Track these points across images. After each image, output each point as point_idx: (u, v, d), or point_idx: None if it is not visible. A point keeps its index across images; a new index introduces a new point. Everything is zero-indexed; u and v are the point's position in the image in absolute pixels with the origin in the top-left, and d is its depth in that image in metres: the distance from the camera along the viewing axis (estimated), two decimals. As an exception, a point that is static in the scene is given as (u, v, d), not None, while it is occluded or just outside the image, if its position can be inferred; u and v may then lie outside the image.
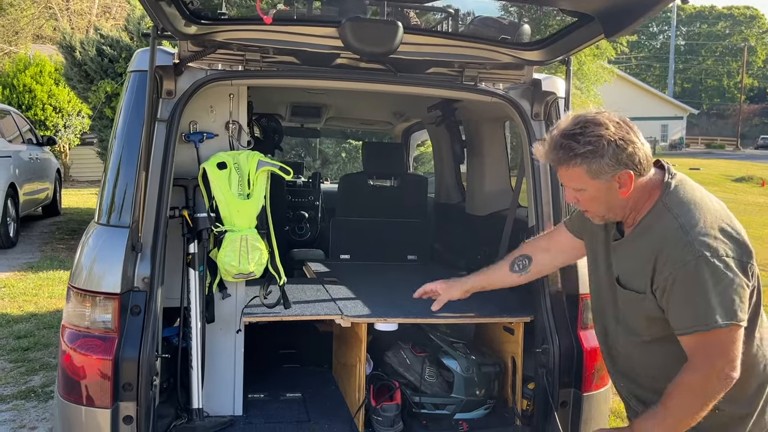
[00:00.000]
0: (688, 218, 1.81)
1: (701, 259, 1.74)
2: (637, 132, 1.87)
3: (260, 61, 2.53)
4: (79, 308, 2.30)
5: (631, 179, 1.84)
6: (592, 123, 1.83)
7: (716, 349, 1.76)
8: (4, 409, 4.21)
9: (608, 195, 1.88)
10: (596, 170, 1.83)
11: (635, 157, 1.83)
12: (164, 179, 2.40)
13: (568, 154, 1.83)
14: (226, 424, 2.63)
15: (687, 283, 1.76)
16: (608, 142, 1.80)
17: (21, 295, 6.95)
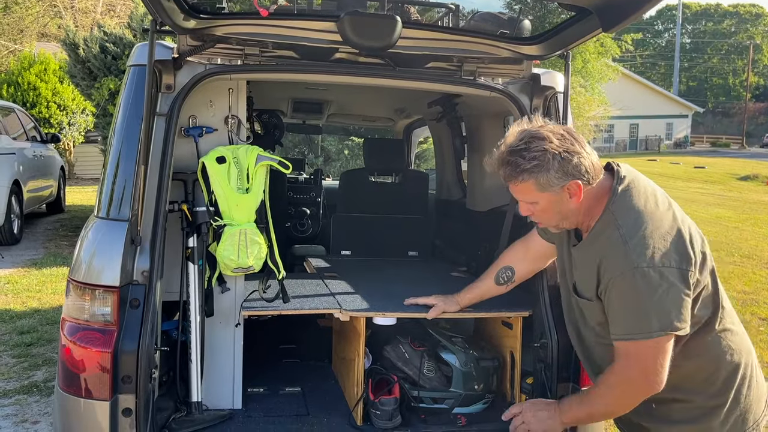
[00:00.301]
0: (629, 227, 1.85)
1: (637, 271, 1.80)
2: (582, 142, 1.91)
3: (259, 55, 2.54)
4: (78, 301, 2.32)
5: (580, 189, 1.89)
6: (536, 138, 1.87)
7: (639, 359, 1.85)
8: (7, 403, 4.24)
9: (560, 205, 1.93)
10: (544, 183, 1.88)
11: (581, 167, 1.87)
12: (163, 173, 2.40)
13: (516, 170, 1.89)
14: (225, 418, 2.63)
15: (623, 292, 1.84)
16: (553, 155, 1.85)
17: (24, 291, 6.98)
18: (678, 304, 1.81)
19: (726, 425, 1.95)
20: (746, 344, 2.00)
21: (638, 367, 1.86)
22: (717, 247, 10.85)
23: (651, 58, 66.22)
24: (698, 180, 25.53)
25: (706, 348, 1.93)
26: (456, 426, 2.66)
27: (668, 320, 1.80)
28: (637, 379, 1.88)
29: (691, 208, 16.71)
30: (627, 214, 1.89)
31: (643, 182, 1.98)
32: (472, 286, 2.65)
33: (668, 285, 1.79)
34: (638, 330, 1.82)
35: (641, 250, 1.81)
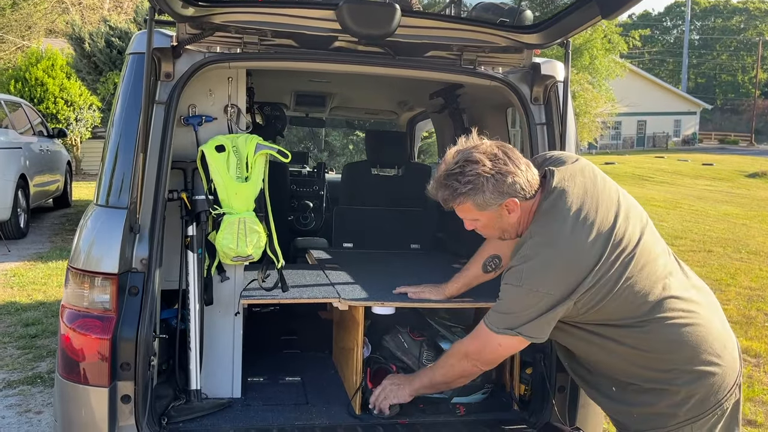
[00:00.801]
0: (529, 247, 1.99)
1: (511, 286, 2.00)
2: (517, 160, 2.01)
3: (258, 43, 2.54)
4: (77, 289, 2.33)
5: (516, 205, 2.02)
6: (469, 161, 1.98)
7: (482, 342, 2.10)
8: (11, 394, 4.27)
9: (500, 221, 2.07)
10: (482, 203, 2.00)
11: (516, 185, 1.98)
12: (162, 161, 2.41)
13: (453, 194, 2.01)
14: (224, 406, 2.64)
15: (505, 296, 2.05)
16: (486, 178, 1.96)
17: (30, 284, 7.03)
18: (545, 319, 1.97)
19: (684, 406, 1.98)
20: (702, 332, 1.99)
21: (476, 346, 2.14)
22: (724, 244, 10.80)
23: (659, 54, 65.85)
24: (706, 177, 25.39)
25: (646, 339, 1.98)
26: (455, 416, 2.66)
27: (529, 327, 1.98)
28: (471, 355, 2.16)
29: (699, 205, 16.64)
30: (540, 235, 1.99)
31: (575, 195, 2.00)
32: (459, 275, 2.70)
33: (537, 303, 1.95)
34: (505, 325, 2.02)
35: (530, 274, 1.96)
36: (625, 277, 1.94)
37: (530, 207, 2.05)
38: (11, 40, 23.83)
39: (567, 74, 2.65)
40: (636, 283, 1.95)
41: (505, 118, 3.77)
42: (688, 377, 1.97)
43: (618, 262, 1.94)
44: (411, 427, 2.52)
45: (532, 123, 2.73)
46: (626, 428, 2.12)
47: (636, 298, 1.96)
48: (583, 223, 1.95)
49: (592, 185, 2.04)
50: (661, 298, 1.97)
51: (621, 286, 1.94)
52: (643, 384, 2.02)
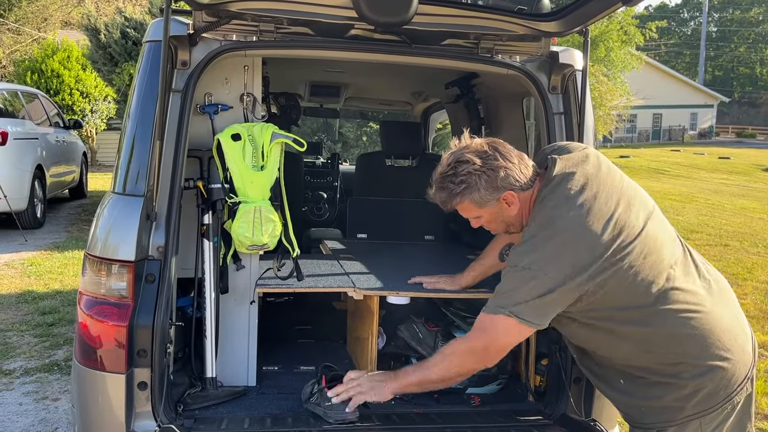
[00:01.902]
0: (530, 231, 1.98)
1: (515, 269, 1.96)
2: (508, 153, 2.04)
3: (274, 31, 2.53)
4: (95, 276, 2.34)
5: (514, 197, 2.03)
6: (460, 162, 2.02)
7: (488, 333, 2.01)
8: (29, 381, 4.32)
9: (501, 215, 2.09)
10: (479, 200, 2.03)
11: (510, 178, 2.01)
12: (179, 150, 2.41)
13: (449, 195, 2.05)
14: (239, 394, 2.65)
15: (507, 278, 1.99)
16: (478, 175, 2.00)
17: (47, 273, 7.10)
18: (540, 302, 1.92)
19: (689, 400, 1.96)
20: (711, 325, 1.96)
21: (484, 340, 2.02)
22: (741, 238, 10.68)
23: (676, 46, 65.12)
24: (722, 171, 25.12)
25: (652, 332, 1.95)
26: (469, 406, 2.65)
27: (524, 308, 1.92)
28: (477, 350, 2.04)
29: (715, 199, 16.47)
30: (537, 220, 1.99)
31: (575, 182, 1.98)
32: (474, 265, 2.69)
33: (537, 286, 1.91)
34: (496, 304, 1.97)
35: (527, 254, 1.95)
36: (627, 265, 1.91)
37: (530, 197, 2.06)
38: (27, 31, 24.02)
39: (585, 63, 2.62)
40: (639, 272, 1.92)
41: (521, 108, 3.74)
42: (695, 371, 1.94)
43: (619, 250, 1.91)
44: (426, 416, 2.52)
45: (549, 112, 2.71)
46: (635, 421, 2.10)
47: (639, 287, 1.93)
48: (581, 208, 1.93)
49: (594, 173, 2.02)
50: (666, 289, 1.94)
51: (623, 275, 1.91)
52: (650, 377, 2.00)
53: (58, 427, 3.72)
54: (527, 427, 2.43)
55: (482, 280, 2.70)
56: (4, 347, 4.91)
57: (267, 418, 2.45)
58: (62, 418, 3.81)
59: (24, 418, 3.82)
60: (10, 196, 8.38)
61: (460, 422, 2.48)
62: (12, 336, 5.17)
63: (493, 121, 4.03)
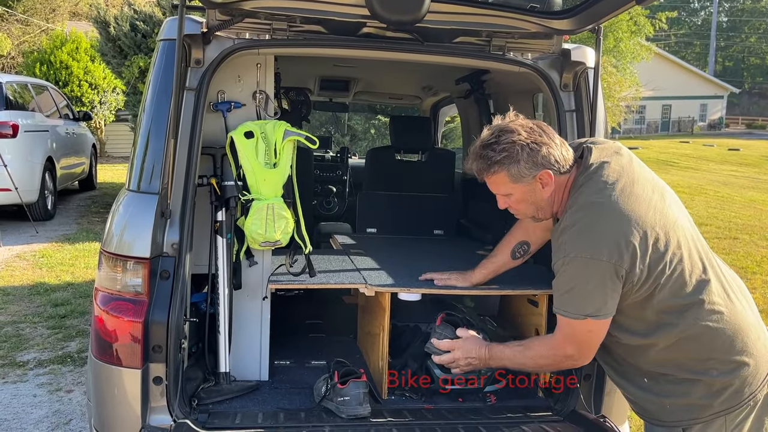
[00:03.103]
0: (574, 218, 1.97)
1: (567, 259, 1.95)
2: (552, 134, 2.03)
3: (287, 30, 2.54)
4: (110, 272, 2.37)
5: (551, 178, 2.02)
6: (505, 131, 2.01)
7: (573, 336, 2.03)
8: (42, 372, 4.38)
9: (533, 195, 2.07)
10: (516, 174, 2.01)
11: (551, 157, 2.00)
12: (192, 147, 2.43)
13: (487, 163, 2.02)
14: (252, 388, 2.68)
15: (561, 275, 1.99)
16: (521, 146, 1.98)
17: (58, 265, 7.17)
18: (601, 293, 1.93)
19: (717, 397, 1.98)
20: (737, 321, 1.99)
21: (574, 345, 2.05)
22: (750, 231, 10.64)
23: (686, 37, 64.55)
24: (732, 162, 24.97)
25: (686, 327, 1.97)
26: (481, 402, 2.67)
27: (591, 307, 1.95)
28: (571, 356, 2.08)
29: (725, 191, 16.38)
30: (578, 204, 1.99)
31: (612, 170, 2.00)
32: (486, 262, 2.69)
33: (593, 276, 1.92)
34: (571, 310, 1.99)
35: (575, 241, 1.94)
36: (671, 252, 1.92)
37: (565, 182, 2.05)
38: (36, 23, 24.06)
39: (598, 61, 2.62)
40: (681, 260, 1.94)
41: (531, 104, 3.74)
42: (724, 368, 1.96)
43: (662, 234, 1.93)
44: (437, 412, 2.55)
45: (561, 110, 2.71)
46: (656, 418, 2.11)
47: (681, 276, 1.94)
48: (622, 192, 1.95)
49: (628, 165, 2.04)
50: (702, 281, 1.97)
51: (669, 260, 1.92)
52: (678, 374, 2.01)
53: (72, 418, 3.77)
54: (537, 423, 2.45)
55: (494, 277, 2.71)
56: (17, 339, 4.97)
57: (280, 413, 2.48)
58: (76, 410, 3.87)
59: (38, 409, 3.87)
60: (21, 188, 8.44)
61: (470, 418, 2.50)
62: (25, 328, 5.23)
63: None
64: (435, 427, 2.38)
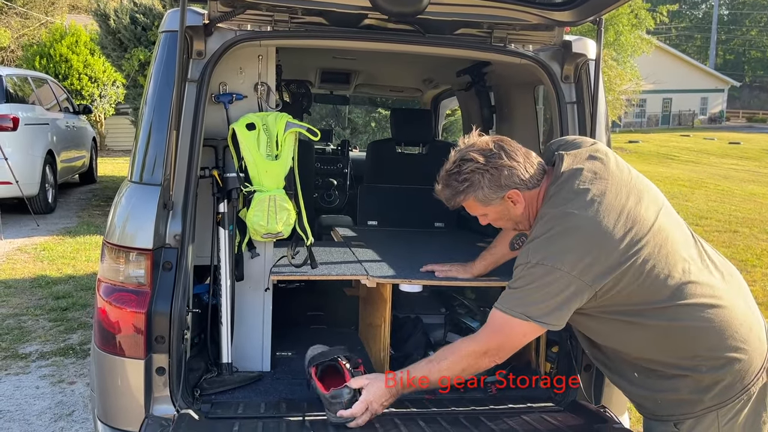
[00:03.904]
0: (541, 227, 1.97)
1: (527, 265, 1.94)
2: (514, 152, 2.04)
3: (288, 21, 2.54)
4: (113, 263, 2.38)
5: (519, 196, 2.04)
6: (464, 160, 2.04)
7: (496, 331, 2.00)
8: (45, 364, 4.40)
9: (507, 213, 2.10)
10: (483, 198, 2.05)
11: (514, 177, 2.02)
12: (194, 139, 2.44)
13: (453, 193, 2.08)
14: (254, 379, 2.70)
15: (517, 279, 1.97)
16: (481, 174, 2.01)
17: (60, 258, 7.18)
18: (551, 300, 1.90)
19: (707, 393, 1.97)
20: (727, 317, 1.96)
21: (498, 340, 2.01)
22: (750, 224, 10.65)
23: (687, 30, 64.34)
24: (733, 156, 24.95)
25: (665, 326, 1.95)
26: (482, 392, 2.69)
27: (537, 311, 1.91)
28: (488, 352, 2.02)
29: (725, 184, 16.38)
30: (548, 215, 1.98)
31: (584, 178, 1.98)
32: (486, 254, 2.71)
33: (551, 283, 1.89)
34: (512, 306, 1.95)
35: (539, 249, 1.93)
36: (642, 259, 1.90)
37: (536, 195, 2.06)
38: (35, 16, 24.00)
39: (599, 52, 2.62)
40: (655, 266, 1.91)
41: (532, 96, 3.74)
42: (712, 363, 1.95)
43: (633, 243, 1.90)
44: (438, 402, 2.56)
45: (562, 102, 2.71)
46: (650, 412, 2.12)
47: (656, 281, 1.92)
48: (591, 203, 1.92)
49: (603, 169, 2.01)
50: (682, 283, 1.93)
51: (638, 269, 1.90)
52: (666, 370, 2.01)
53: (75, 409, 3.79)
54: (538, 414, 2.47)
55: (494, 268, 2.72)
56: (19, 331, 4.99)
57: (282, 403, 2.49)
58: (78, 401, 3.89)
59: (41, 401, 3.89)
60: (22, 181, 8.44)
61: (471, 407, 2.51)
62: (27, 320, 5.25)
63: (505, 108, 4.03)
64: (436, 416, 2.40)
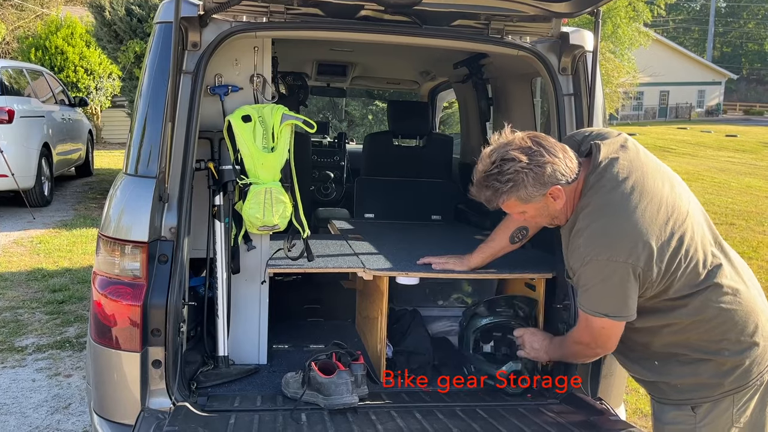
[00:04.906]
0: (589, 219, 1.99)
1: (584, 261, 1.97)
2: (553, 147, 2.02)
3: (284, 12, 2.52)
4: (108, 256, 2.37)
5: (561, 192, 2.02)
6: (506, 160, 1.99)
7: (590, 330, 2.07)
8: (41, 357, 4.39)
9: (547, 209, 2.08)
10: (525, 197, 2.02)
11: (557, 173, 2.00)
12: (190, 131, 2.42)
13: (495, 194, 2.03)
14: (250, 372, 2.70)
15: (580, 276, 2.02)
16: (525, 173, 1.97)
17: (56, 251, 7.16)
18: (620, 294, 1.95)
19: (728, 377, 2.01)
20: (750, 303, 2.03)
21: (588, 336, 2.11)
22: (747, 217, 10.67)
23: (684, 23, 64.22)
24: (729, 149, 24.96)
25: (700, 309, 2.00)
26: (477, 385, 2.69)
27: (609, 307, 1.98)
28: (588, 344, 2.14)
29: (721, 177, 16.40)
30: (592, 205, 1.99)
31: (622, 166, 2.01)
32: (484, 247, 2.71)
33: (611, 276, 1.93)
34: (589, 306, 2.02)
35: (593, 242, 1.95)
36: (685, 244, 1.94)
37: (575, 188, 2.05)
38: (30, 7, 23.85)
39: (596, 44, 2.61)
40: (695, 250, 1.96)
41: (530, 88, 3.73)
42: (736, 347, 2.00)
43: (675, 228, 1.94)
44: (434, 394, 2.56)
45: (559, 94, 2.70)
46: (666, 397, 2.13)
47: (696, 265, 1.97)
48: (633, 190, 1.95)
49: (636, 158, 2.05)
50: (714, 266, 1.99)
51: (682, 253, 1.94)
52: (691, 354, 2.04)
53: (71, 402, 3.79)
54: (534, 405, 2.47)
55: (491, 261, 2.71)
56: (16, 324, 4.98)
57: (278, 396, 2.49)
58: (75, 394, 3.88)
59: (37, 394, 3.89)
60: (18, 174, 8.41)
61: (467, 400, 2.52)
62: (23, 313, 5.24)
63: (502, 101, 4.02)
64: (433, 409, 2.40)
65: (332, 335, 3.20)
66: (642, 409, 3.82)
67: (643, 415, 3.75)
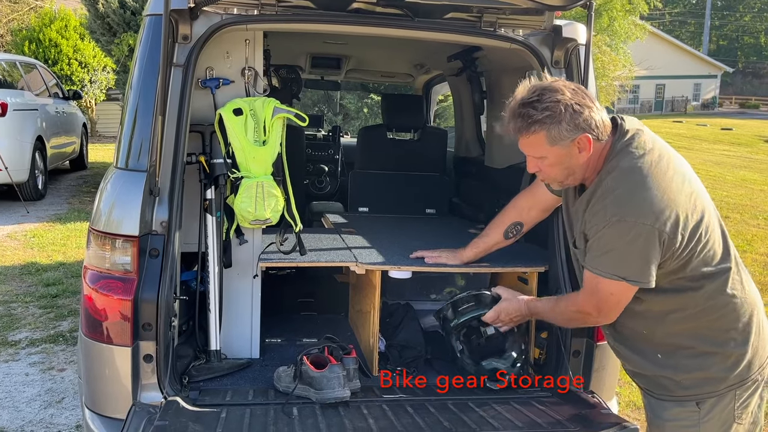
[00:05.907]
0: (616, 182, 1.93)
1: (611, 221, 1.90)
2: (593, 99, 1.96)
3: (275, 5, 2.50)
4: (99, 250, 2.36)
5: (589, 143, 1.94)
6: (548, 90, 1.91)
7: (597, 295, 2.00)
8: (35, 351, 4.39)
9: (568, 160, 1.98)
10: (555, 136, 1.91)
11: (591, 121, 1.92)
12: (181, 124, 2.41)
13: (527, 121, 1.91)
14: (243, 366, 2.69)
15: (600, 238, 1.94)
16: (565, 106, 1.88)
17: (50, 245, 7.14)
18: (642, 258, 1.89)
19: (733, 370, 2.01)
20: (753, 295, 2.05)
21: (593, 304, 2.03)
22: (741, 210, 10.69)
23: (680, 16, 64.18)
24: (725, 142, 25.00)
25: (713, 293, 1.99)
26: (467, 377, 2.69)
27: (629, 270, 1.91)
28: (589, 313, 2.07)
29: (717, 170, 16.42)
30: (620, 168, 1.94)
31: (648, 138, 2.00)
32: (478, 241, 2.69)
33: (636, 239, 1.87)
34: (603, 268, 1.94)
35: (620, 204, 1.89)
36: (705, 224, 1.93)
37: (601, 149, 1.98)
38: (24, 0, 23.68)
39: (589, 37, 2.60)
40: (713, 232, 1.95)
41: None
42: (740, 338, 2.00)
43: (698, 206, 1.93)
44: (427, 389, 2.56)
45: (552, 87, 2.69)
46: (669, 392, 2.09)
47: (712, 248, 1.96)
48: (660, 159, 1.94)
49: (656, 137, 2.05)
50: (726, 252, 2.00)
51: (703, 233, 1.92)
52: (698, 346, 2.01)
53: (64, 396, 3.78)
54: (526, 399, 2.47)
55: (484, 256, 2.71)
56: (9, 318, 4.97)
57: (270, 390, 2.49)
58: (68, 388, 3.88)
59: (30, 388, 3.88)
60: (11, 167, 8.37)
61: (459, 394, 2.52)
62: (17, 307, 5.23)
63: (496, 94, 4.01)
64: (425, 402, 2.40)
65: (325, 329, 3.19)
66: (635, 401, 3.83)
67: (636, 408, 3.76)
